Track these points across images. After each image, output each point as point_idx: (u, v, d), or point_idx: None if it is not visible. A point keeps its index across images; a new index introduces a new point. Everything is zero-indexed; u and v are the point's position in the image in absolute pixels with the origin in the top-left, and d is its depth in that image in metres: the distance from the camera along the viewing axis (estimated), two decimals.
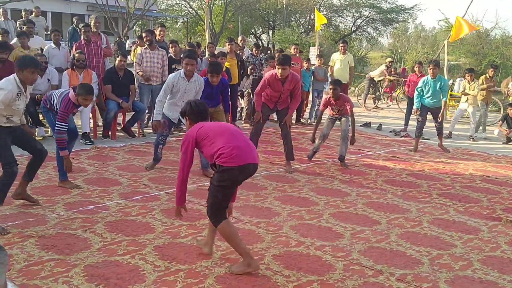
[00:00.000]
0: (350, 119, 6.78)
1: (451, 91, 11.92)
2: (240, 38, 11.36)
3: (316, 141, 7.03)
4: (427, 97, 8.07)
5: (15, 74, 4.20)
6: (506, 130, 9.44)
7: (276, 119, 7.45)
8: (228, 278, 3.38)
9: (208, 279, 3.35)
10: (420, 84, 8.23)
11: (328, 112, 7.04)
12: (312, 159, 7.07)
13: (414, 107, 8.25)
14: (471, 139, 9.53)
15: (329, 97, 6.79)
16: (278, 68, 6.14)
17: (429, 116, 8.31)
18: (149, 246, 3.84)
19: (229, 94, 7.26)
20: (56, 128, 4.87)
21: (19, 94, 4.17)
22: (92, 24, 8.51)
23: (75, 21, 10.30)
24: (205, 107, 3.73)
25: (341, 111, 6.85)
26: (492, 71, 10.39)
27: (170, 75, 6.03)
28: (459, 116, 10.17)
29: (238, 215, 4.60)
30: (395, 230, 4.46)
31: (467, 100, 9.99)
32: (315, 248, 3.97)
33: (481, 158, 7.91)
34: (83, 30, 8.17)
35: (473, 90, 9.91)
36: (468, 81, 10.06)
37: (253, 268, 3.45)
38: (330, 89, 6.73)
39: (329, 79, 10.42)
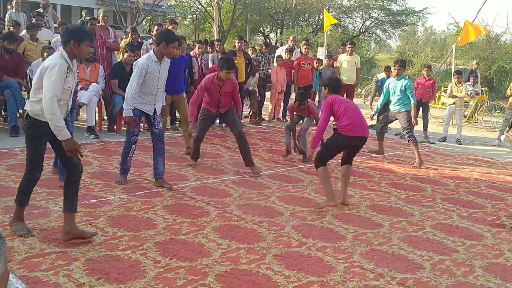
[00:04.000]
0: (313, 121, 7.01)
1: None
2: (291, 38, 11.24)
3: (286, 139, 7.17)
4: (392, 102, 7.51)
5: (60, 48, 3.70)
6: None
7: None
8: (229, 276, 3.37)
9: (208, 277, 3.34)
10: (386, 85, 7.81)
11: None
12: None
13: (372, 113, 7.91)
14: (457, 142, 9.46)
15: (295, 106, 6.87)
16: (228, 72, 5.85)
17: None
18: (150, 241, 3.83)
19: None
20: None
21: (68, 70, 3.62)
22: (100, 18, 8.52)
23: (84, 15, 10.31)
24: (340, 83, 5.34)
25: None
26: None
27: (140, 59, 5.14)
28: (450, 119, 10.08)
29: (240, 213, 4.60)
30: (398, 234, 4.44)
31: (454, 102, 9.94)
32: (317, 249, 3.95)
33: (487, 163, 7.86)
34: (89, 24, 8.18)
35: (461, 92, 9.87)
36: (455, 83, 10.01)
37: (334, 202, 4.94)
38: (296, 101, 6.80)
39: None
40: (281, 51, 10.66)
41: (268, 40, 29.96)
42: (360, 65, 10.91)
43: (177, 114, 8.76)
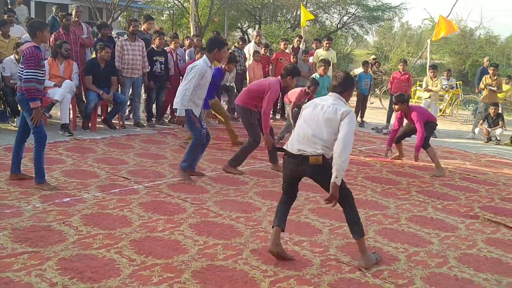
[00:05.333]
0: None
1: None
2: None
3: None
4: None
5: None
6: (487, 129, 9.56)
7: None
8: (205, 272, 3.35)
9: (184, 273, 3.31)
10: None
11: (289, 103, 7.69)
12: None
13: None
14: (433, 136, 9.58)
15: (305, 94, 7.35)
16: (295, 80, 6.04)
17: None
18: (125, 240, 3.79)
19: None
20: (24, 77, 4.58)
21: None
22: (73, 13, 8.37)
23: (54, 10, 10.11)
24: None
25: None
26: (492, 69, 10.06)
27: (197, 62, 5.31)
28: None
29: (217, 210, 4.58)
30: (373, 227, 4.48)
31: (429, 96, 10.08)
32: (293, 243, 3.96)
33: (461, 156, 7.99)
34: (62, 20, 8.02)
35: (436, 86, 10.02)
36: (431, 77, 10.16)
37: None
38: (313, 88, 7.30)
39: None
40: (248, 48, 10.64)
41: (246, 36, 29.89)
42: (336, 60, 10.96)
43: (154, 111, 8.70)
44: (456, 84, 13.25)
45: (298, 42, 11.06)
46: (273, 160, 6.25)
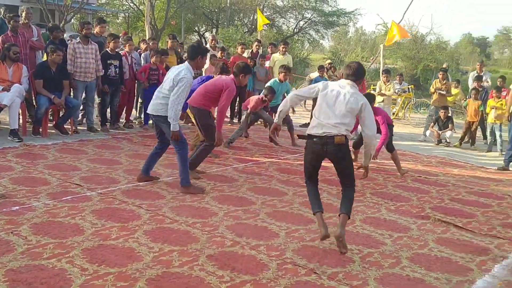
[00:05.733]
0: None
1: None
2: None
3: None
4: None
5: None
6: (437, 132, 9.89)
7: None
8: (160, 280, 3.30)
9: (139, 282, 3.25)
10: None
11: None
12: (252, 158, 7.09)
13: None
14: None
15: (262, 102, 7.84)
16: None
17: None
18: (77, 248, 3.67)
19: None
20: None
21: None
22: (23, 15, 8.09)
23: (2, 11, 9.75)
24: None
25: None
26: (441, 74, 10.48)
27: (183, 73, 5.08)
28: None
29: (173, 215, 4.52)
30: (329, 229, 4.50)
31: (383, 100, 10.37)
32: (250, 247, 3.96)
33: (413, 158, 8.23)
34: (12, 21, 7.75)
35: (389, 91, 10.32)
36: (384, 82, 10.45)
37: None
38: (270, 96, 7.81)
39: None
40: None
41: (204, 40, 29.79)
42: (292, 64, 11.08)
43: (108, 116, 8.51)
44: (408, 88, 13.66)
45: (257, 47, 11.10)
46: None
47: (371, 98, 6.72)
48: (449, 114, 10.21)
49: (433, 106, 10.33)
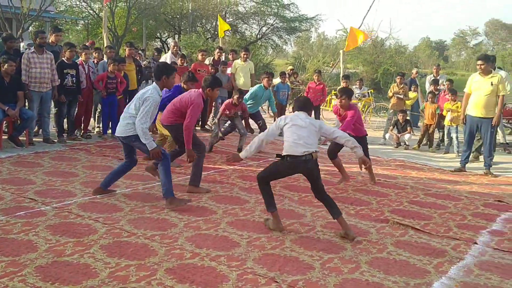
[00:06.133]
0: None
1: None
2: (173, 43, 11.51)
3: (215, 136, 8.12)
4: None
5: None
6: (396, 135, 10.09)
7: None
8: None
9: None
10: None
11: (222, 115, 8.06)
12: (214, 166, 7.05)
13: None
14: None
15: (231, 103, 7.93)
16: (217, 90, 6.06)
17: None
18: (30, 266, 3.55)
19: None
20: None
21: None
22: None
23: None
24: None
25: (236, 114, 8.08)
26: (399, 78, 10.73)
27: (149, 92, 5.07)
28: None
29: (131, 229, 4.42)
30: (290, 236, 4.54)
31: None
32: (210, 259, 3.91)
33: (373, 162, 8.32)
34: None
35: None
36: (344, 87, 10.60)
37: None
38: (237, 97, 7.84)
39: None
40: (165, 58, 10.54)
41: (166, 46, 29.53)
42: (254, 71, 11.11)
43: (65, 126, 8.31)
44: (368, 92, 13.90)
45: (219, 54, 11.07)
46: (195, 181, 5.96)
47: (350, 93, 6.82)
48: (408, 118, 10.43)
49: (392, 110, 10.53)
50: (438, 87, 10.52)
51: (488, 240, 4.76)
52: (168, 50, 13.05)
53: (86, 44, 11.61)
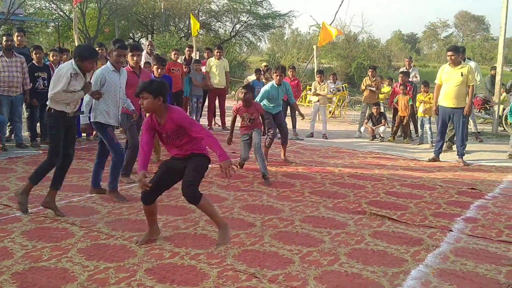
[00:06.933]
0: (261, 130, 6.71)
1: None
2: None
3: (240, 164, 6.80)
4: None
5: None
6: (371, 128, 10.22)
7: None
8: None
9: None
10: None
11: (240, 126, 6.79)
12: None
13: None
14: (324, 137, 10.08)
15: (240, 105, 6.72)
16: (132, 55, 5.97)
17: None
18: (6, 273, 3.48)
19: None
20: None
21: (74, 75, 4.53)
22: None
23: None
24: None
25: (253, 121, 6.65)
26: (371, 71, 10.79)
27: (98, 69, 5.29)
28: (315, 116, 10.76)
29: (109, 231, 4.38)
30: (269, 231, 4.56)
31: (318, 100, 10.62)
32: (190, 257, 3.91)
33: (349, 155, 8.46)
34: None
35: (324, 90, 10.59)
36: (318, 82, 10.71)
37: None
38: (242, 93, 6.64)
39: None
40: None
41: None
42: (228, 68, 11.10)
43: (38, 130, 8.16)
44: (343, 86, 14.03)
45: (189, 52, 11.06)
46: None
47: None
48: (382, 110, 10.56)
49: (365, 103, 10.66)
50: (409, 80, 10.66)
51: (463, 227, 4.87)
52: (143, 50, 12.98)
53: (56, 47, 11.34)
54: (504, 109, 11.19)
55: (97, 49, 9.01)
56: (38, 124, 8.14)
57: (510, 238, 4.58)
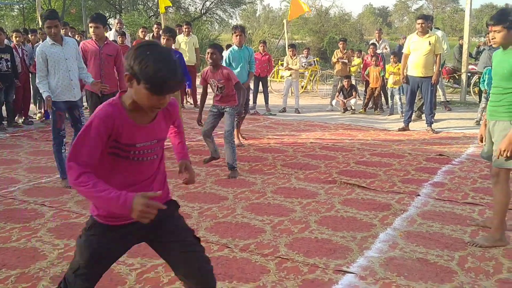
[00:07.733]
0: (234, 108, 5.74)
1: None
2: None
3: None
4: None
5: None
6: (342, 101, 10.29)
7: None
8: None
9: (42, 281, 3.10)
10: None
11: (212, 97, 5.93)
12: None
13: None
14: (296, 112, 10.11)
15: (207, 70, 5.65)
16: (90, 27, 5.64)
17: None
18: None
19: None
20: None
21: None
22: None
23: None
24: None
25: (222, 90, 5.62)
26: (341, 43, 10.86)
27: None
28: (288, 91, 10.77)
29: (79, 210, 4.35)
30: (241, 203, 4.60)
31: (290, 75, 10.63)
32: None
33: (321, 128, 8.53)
34: None
35: (295, 65, 10.60)
36: (290, 56, 10.71)
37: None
38: (208, 53, 5.50)
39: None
40: (108, 36, 10.25)
41: (108, 26, 28.59)
42: (198, 45, 10.98)
43: (4, 113, 7.97)
44: (314, 61, 14.05)
45: (157, 30, 10.86)
46: None
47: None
48: (353, 83, 10.64)
49: (338, 76, 10.71)
50: (378, 51, 10.74)
51: (430, 192, 5.00)
52: (111, 29, 12.65)
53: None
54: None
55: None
56: (3, 107, 7.94)
57: (475, 200, 4.72)
